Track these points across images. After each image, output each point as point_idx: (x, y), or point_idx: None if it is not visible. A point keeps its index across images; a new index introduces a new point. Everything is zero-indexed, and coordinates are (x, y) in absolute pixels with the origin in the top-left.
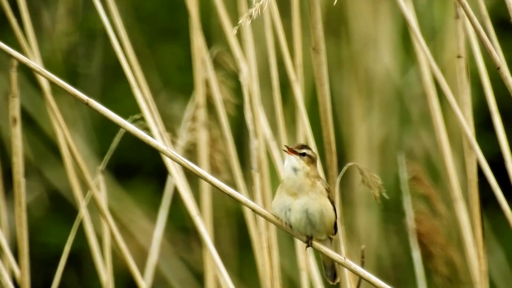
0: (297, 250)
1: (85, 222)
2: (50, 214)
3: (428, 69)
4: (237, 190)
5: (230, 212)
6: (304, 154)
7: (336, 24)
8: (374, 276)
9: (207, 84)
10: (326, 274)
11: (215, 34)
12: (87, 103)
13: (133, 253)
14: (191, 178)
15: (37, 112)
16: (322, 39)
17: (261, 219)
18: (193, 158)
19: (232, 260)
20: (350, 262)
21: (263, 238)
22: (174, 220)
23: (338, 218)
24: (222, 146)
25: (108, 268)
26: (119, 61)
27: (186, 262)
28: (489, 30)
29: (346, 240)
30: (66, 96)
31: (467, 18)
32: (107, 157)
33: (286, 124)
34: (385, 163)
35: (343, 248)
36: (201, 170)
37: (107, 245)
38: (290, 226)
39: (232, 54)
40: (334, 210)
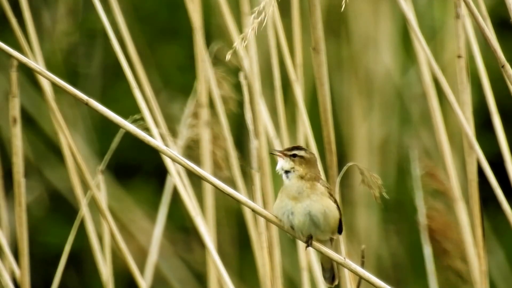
0: (298, 249)
1: (86, 221)
2: (50, 214)
3: (428, 69)
4: (237, 189)
5: (230, 211)
6: (295, 155)
7: (336, 24)
8: (374, 276)
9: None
10: (324, 276)
11: (215, 33)
12: (87, 103)
13: (133, 253)
14: (194, 177)
15: (37, 112)
16: (322, 39)
17: (261, 219)
18: (194, 155)
19: (232, 260)
20: (350, 262)
21: (263, 238)
22: (174, 220)
23: (341, 215)
24: (223, 143)
25: (108, 268)
26: (119, 61)
27: (186, 262)
28: (489, 29)
29: (346, 240)
30: (66, 96)
31: (471, 16)
32: (107, 157)
33: (287, 124)
34: (385, 163)
35: (343, 248)
36: (201, 170)
37: (107, 245)
38: (292, 227)
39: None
40: (338, 208)
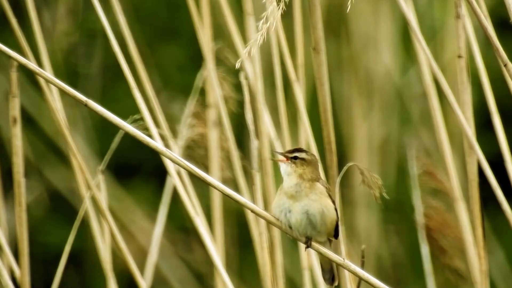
0: (299, 249)
1: (91, 220)
2: (50, 214)
3: (428, 69)
4: (239, 190)
5: (230, 211)
6: (296, 157)
7: (336, 24)
8: (374, 276)
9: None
10: (324, 277)
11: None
12: (86, 104)
13: (133, 253)
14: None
15: (37, 112)
16: (322, 39)
17: (261, 219)
18: (194, 155)
19: (232, 260)
20: (349, 263)
21: (264, 238)
22: (174, 220)
23: (339, 219)
24: (225, 144)
25: (108, 268)
26: (119, 61)
27: (186, 262)
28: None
29: (346, 240)
30: (66, 96)
31: (473, 15)
32: (107, 157)
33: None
34: (385, 163)
35: (343, 248)
36: (200, 171)
37: (108, 245)
38: (290, 227)
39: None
40: (336, 210)
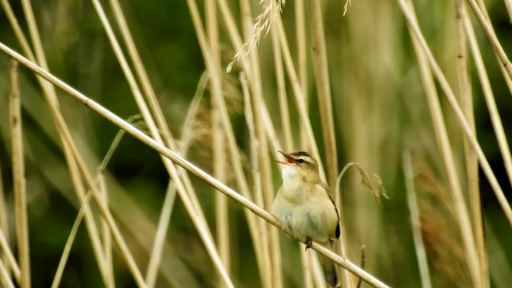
0: (300, 249)
1: (88, 222)
2: (50, 214)
3: (428, 69)
4: (239, 190)
5: (230, 211)
6: (301, 160)
7: (336, 24)
8: (374, 276)
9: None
10: (326, 279)
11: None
12: (86, 104)
13: (133, 253)
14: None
15: (37, 112)
16: (322, 39)
17: (262, 219)
18: (198, 156)
19: (232, 260)
20: (349, 262)
21: (264, 238)
22: (175, 220)
23: (340, 219)
24: (227, 145)
25: (108, 268)
26: (119, 61)
27: (187, 262)
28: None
29: (346, 240)
30: (66, 96)
31: (473, 15)
32: (107, 157)
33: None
34: (385, 163)
35: (343, 248)
36: (200, 170)
37: (108, 245)
38: (290, 227)
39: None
40: (336, 210)
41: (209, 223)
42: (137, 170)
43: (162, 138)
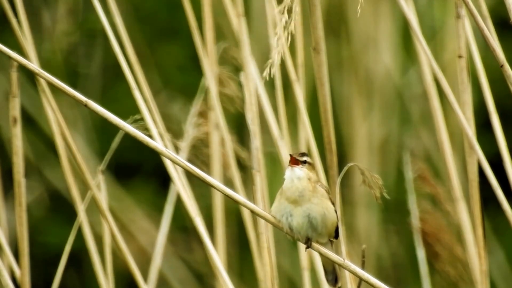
0: (299, 249)
1: (83, 224)
2: (50, 214)
3: (429, 69)
4: (235, 190)
5: (230, 211)
6: (305, 161)
7: (336, 24)
8: (374, 276)
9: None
10: (327, 279)
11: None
12: (86, 104)
13: (133, 253)
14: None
15: (37, 112)
16: (322, 39)
17: (261, 220)
18: (200, 154)
19: (232, 260)
20: (349, 263)
21: (263, 238)
22: (174, 220)
23: (339, 220)
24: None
25: (108, 268)
26: (119, 61)
27: (186, 262)
28: (490, 29)
29: (346, 240)
30: (66, 96)
31: (470, 15)
32: (108, 157)
33: (287, 124)
34: (385, 163)
35: (343, 248)
36: (199, 171)
37: (108, 245)
38: (291, 228)
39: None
40: (336, 212)
41: (207, 224)
42: (137, 170)
43: (162, 138)
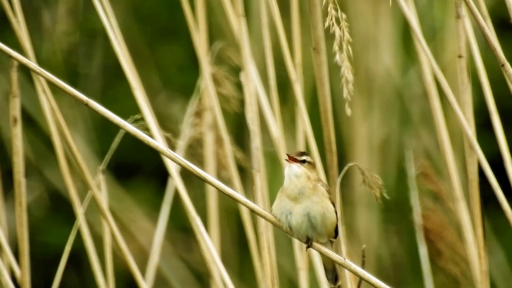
0: (296, 249)
1: (82, 225)
2: (50, 214)
3: (429, 69)
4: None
5: (230, 211)
6: (304, 161)
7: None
8: (374, 276)
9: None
10: (327, 277)
11: (215, 33)
12: (87, 104)
13: (133, 253)
14: (193, 179)
15: (37, 112)
16: (322, 39)
17: (261, 219)
18: (196, 154)
19: (232, 260)
20: (350, 262)
21: (263, 238)
22: (174, 220)
23: (339, 219)
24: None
25: (108, 268)
26: (119, 61)
27: (186, 262)
28: (490, 29)
29: (346, 240)
30: (66, 96)
31: (471, 15)
32: (108, 157)
33: (286, 124)
34: (385, 163)
35: (344, 248)
36: (201, 170)
37: (108, 245)
38: (290, 228)
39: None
40: (335, 212)
41: (205, 224)
42: (137, 170)
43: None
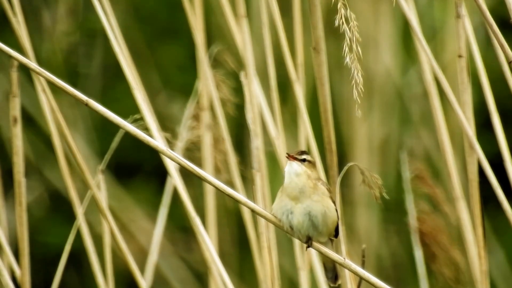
0: (296, 249)
1: (82, 225)
2: (50, 214)
3: (429, 68)
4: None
5: (230, 211)
6: (304, 160)
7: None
8: (374, 276)
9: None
10: (327, 276)
11: (216, 33)
12: (87, 104)
13: (133, 253)
14: (191, 179)
15: (37, 112)
16: (322, 39)
17: (261, 219)
18: (193, 157)
19: (232, 260)
20: (350, 262)
21: (264, 238)
22: (174, 219)
23: (339, 219)
24: (223, 145)
25: (108, 268)
26: (119, 61)
27: (186, 262)
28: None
29: (346, 240)
30: (66, 96)
31: (474, 14)
32: (108, 156)
33: (287, 124)
34: (385, 163)
35: (344, 248)
36: (201, 170)
37: (108, 244)
38: (291, 227)
39: (233, 52)
40: (336, 211)
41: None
42: (137, 170)
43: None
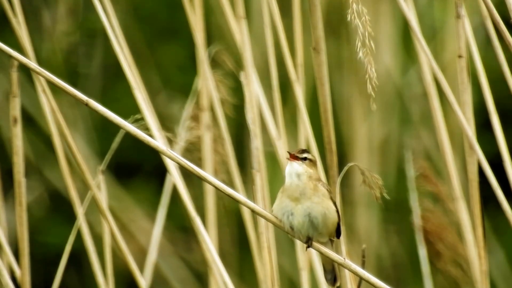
0: (297, 250)
1: (82, 225)
2: (50, 214)
3: (428, 69)
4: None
5: (230, 211)
6: (305, 158)
7: (336, 24)
8: (374, 276)
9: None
10: (326, 278)
11: (216, 34)
12: (87, 104)
13: (133, 253)
14: (191, 179)
15: (37, 112)
16: (322, 39)
17: (261, 219)
18: (193, 157)
19: (232, 260)
20: (350, 262)
21: (264, 238)
22: (174, 219)
23: (340, 219)
24: (220, 146)
25: (108, 268)
26: (119, 61)
27: (186, 262)
28: (490, 29)
29: (346, 240)
30: (66, 96)
31: (475, 14)
32: (108, 157)
33: (286, 124)
34: (385, 163)
35: (344, 248)
36: (201, 170)
37: (108, 244)
38: (292, 228)
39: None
40: (337, 212)
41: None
42: (137, 170)
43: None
